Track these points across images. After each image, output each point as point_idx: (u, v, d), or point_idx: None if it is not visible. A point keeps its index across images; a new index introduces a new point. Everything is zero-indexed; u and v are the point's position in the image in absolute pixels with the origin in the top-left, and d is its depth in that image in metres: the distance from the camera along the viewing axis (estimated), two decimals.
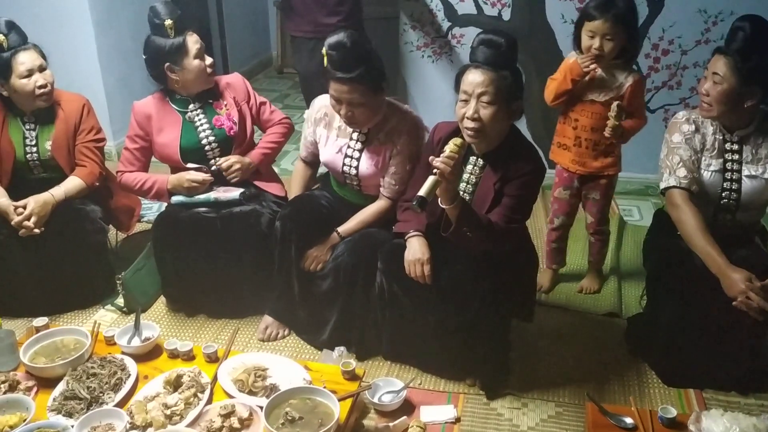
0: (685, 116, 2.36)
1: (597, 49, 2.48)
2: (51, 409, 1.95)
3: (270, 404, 1.89)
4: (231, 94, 2.71)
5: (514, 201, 2.20)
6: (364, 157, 2.47)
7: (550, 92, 2.67)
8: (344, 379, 2.11)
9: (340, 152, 2.50)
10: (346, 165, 2.50)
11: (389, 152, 2.44)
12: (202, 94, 2.66)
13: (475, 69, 2.11)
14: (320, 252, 2.46)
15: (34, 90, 2.59)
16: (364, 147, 2.47)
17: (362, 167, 2.47)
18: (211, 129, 2.65)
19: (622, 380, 2.40)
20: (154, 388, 2.03)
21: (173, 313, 2.79)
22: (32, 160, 2.73)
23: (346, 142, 2.49)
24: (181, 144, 2.63)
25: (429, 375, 2.42)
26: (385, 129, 2.44)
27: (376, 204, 2.51)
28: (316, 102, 2.60)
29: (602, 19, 2.44)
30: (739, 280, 2.10)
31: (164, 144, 2.64)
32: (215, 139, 2.66)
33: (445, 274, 2.25)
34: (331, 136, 2.54)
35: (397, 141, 2.42)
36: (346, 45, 2.24)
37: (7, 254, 2.62)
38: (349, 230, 2.49)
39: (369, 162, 2.46)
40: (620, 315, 2.75)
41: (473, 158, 2.27)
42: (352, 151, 2.49)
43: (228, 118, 2.66)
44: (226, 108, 2.68)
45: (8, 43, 2.55)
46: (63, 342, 2.22)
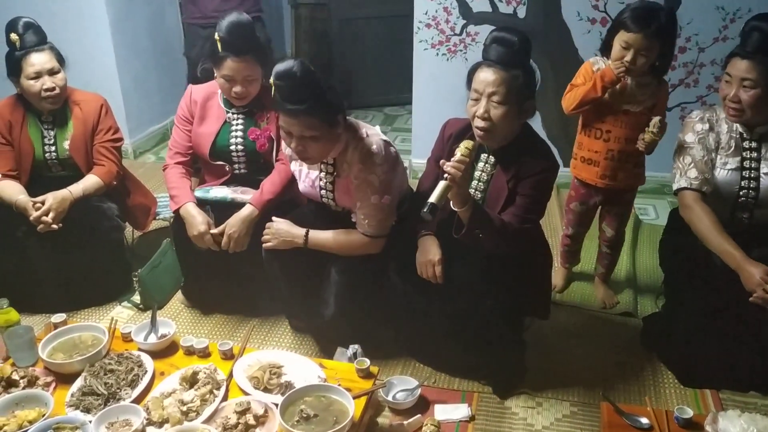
0: (699, 115, 2.34)
1: (629, 62, 2.33)
2: (69, 405, 1.97)
3: (285, 401, 1.90)
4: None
5: (527, 200, 2.18)
6: (337, 188, 2.35)
7: (573, 99, 2.48)
8: (359, 377, 2.12)
9: (313, 186, 2.42)
10: (324, 198, 2.41)
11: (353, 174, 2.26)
12: (249, 102, 2.62)
13: (487, 67, 2.10)
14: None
15: (40, 92, 2.61)
16: (335, 178, 2.34)
17: (338, 198, 2.37)
18: (243, 138, 2.63)
19: (637, 380, 2.39)
20: (170, 384, 2.05)
21: (189, 310, 2.81)
22: (50, 159, 2.76)
23: (317, 175, 2.39)
24: (214, 141, 2.64)
25: (443, 373, 2.42)
26: (347, 159, 2.27)
27: (355, 235, 2.31)
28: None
29: (641, 34, 2.29)
30: (756, 273, 2.09)
31: (200, 134, 2.65)
32: (243, 149, 2.64)
33: (457, 273, 2.25)
34: (303, 169, 2.43)
35: (352, 172, 2.25)
36: (295, 75, 2.04)
37: (26, 250, 2.66)
38: (318, 242, 2.33)
39: (343, 193, 2.34)
40: (635, 315, 2.73)
41: (484, 155, 2.26)
42: (325, 183, 2.38)
43: (263, 134, 2.63)
44: (266, 122, 2.64)
45: (21, 43, 2.57)
46: (81, 338, 2.24)
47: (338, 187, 2.34)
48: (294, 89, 2.06)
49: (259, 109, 2.65)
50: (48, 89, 2.61)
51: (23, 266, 2.68)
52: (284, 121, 2.14)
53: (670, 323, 2.41)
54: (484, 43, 2.15)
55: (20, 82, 2.63)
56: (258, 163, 2.68)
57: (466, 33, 3.71)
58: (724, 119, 2.29)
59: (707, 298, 2.22)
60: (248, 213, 2.51)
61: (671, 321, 2.39)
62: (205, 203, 2.62)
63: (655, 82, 2.46)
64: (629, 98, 2.47)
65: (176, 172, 2.66)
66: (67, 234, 2.62)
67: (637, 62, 2.34)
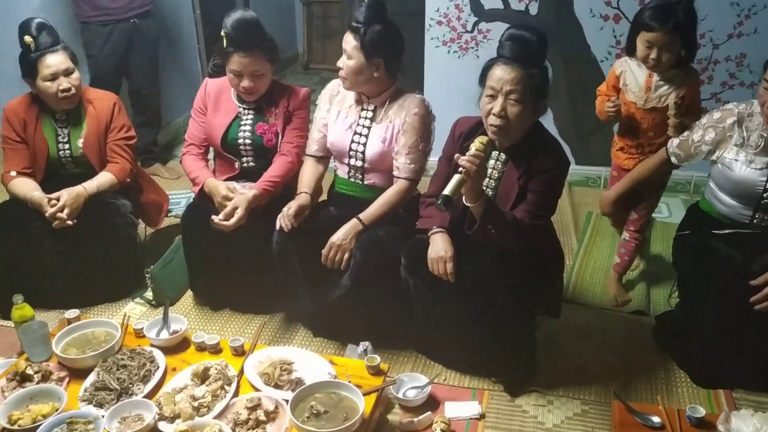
0: (732, 108, 2.29)
1: (654, 59, 2.39)
2: (82, 399, 1.99)
3: (295, 398, 1.91)
4: (286, 104, 2.68)
5: (538, 197, 2.18)
6: (372, 134, 2.48)
7: (598, 113, 2.69)
8: (369, 374, 2.12)
9: (350, 129, 2.52)
10: (354, 143, 2.50)
11: (397, 128, 2.45)
12: (261, 97, 2.66)
13: (504, 65, 2.09)
14: (343, 240, 2.39)
15: (57, 93, 2.63)
16: (372, 124, 2.49)
17: (370, 145, 2.47)
18: (251, 132, 2.67)
19: (649, 379, 2.37)
20: (182, 380, 2.06)
21: (199, 307, 2.83)
22: (64, 157, 2.78)
23: (355, 120, 2.52)
24: (225, 133, 2.68)
25: (453, 371, 2.42)
26: (393, 107, 2.47)
27: (395, 186, 2.48)
28: (329, 84, 2.64)
29: (661, 32, 2.33)
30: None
31: (212, 125, 2.70)
32: (251, 144, 2.68)
33: (469, 270, 2.24)
34: (341, 113, 2.55)
35: (406, 117, 2.43)
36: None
37: (40, 247, 2.68)
38: (371, 215, 2.44)
39: (377, 138, 2.46)
40: (648, 313, 2.72)
41: (495, 153, 2.25)
42: (361, 128, 2.50)
43: (271, 129, 2.66)
44: (274, 117, 2.67)
45: (36, 45, 2.59)
46: (94, 334, 2.26)
47: (373, 134, 2.48)
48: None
49: (268, 104, 2.68)
50: (64, 90, 2.63)
51: (37, 262, 2.71)
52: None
53: (683, 322, 2.39)
54: (499, 40, 2.14)
55: (36, 84, 2.65)
56: (266, 157, 2.71)
57: (478, 30, 3.69)
58: (758, 115, 2.24)
59: (722, 297, 2.19)
60: (251, 195, 2.55)
61: (685, 320, 2.37)
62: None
63: (682, 72, 2.49)
64: (656, 96, 2.50)
65: (192, 158, 2.74)
66: (81, 230, 2.64)
67: (663, 59, 2.39)
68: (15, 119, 2.73)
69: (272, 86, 2.69)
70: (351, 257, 2.39)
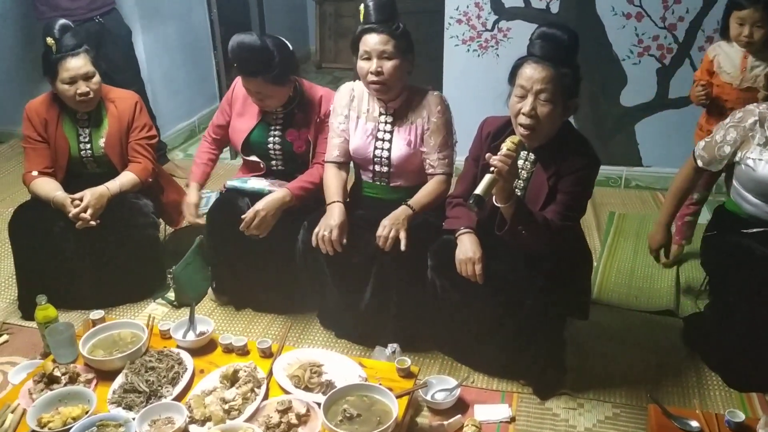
0: (753, 108, 2.27)
1: (746, 37, 2.54)
2: (111, 402, 1.96)
3: (327, 401, 1.88)
4: (317, 110, 2.64)
5: (569, 197, 2.15)
6: (395, 138, 2.45)
7: (692, 99, 2.83)
8: (399, 377, 2.09)
9: (371, 136, 2.48)
10: (378, 149, 2.47)
11: (420, 129, 2.43)
12: (290, 101, 2.62)
13: (535, 64, 2.06)
14: (394, 221, 2.31)
15: (75, 96, 2.61)
16: (393, 128, 2.46)
17: (394, 149, 2.44)
18: (281, 138, 2.64)
19: (680, 382, 2.34)
20: (210, 382, 2.04)
21: (221, 308, 2.81)
22: (86, 157, 2.76)
23: (374, 125, 2.48)
24: (250, 137, 2.66)
25: (481, 373, 2.39)
26: (412, 107, 2.44)
27: (435, 180, 2.46)
28: (342, 87, 2.58)
29: (752, 8, 2.50)
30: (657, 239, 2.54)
31: (235, 129, 2.69)
32: (281, 149, 2.66)
33: (497, 271, 2.22)
34: (360, 120, 2.51)
35: (430, 115, 2.42)
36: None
37: (63, 247, 2.66)
38: (420, 202, 2.40)
39: (401, 142, 2.43)
40: (677, 314, 2.69)
41: (524, 153, 2.23)
42: (383, 134, 2.46)
43: (301, 137, 2.64)
44: (305, 124, 2.64)
45: (57, 47, 2.56)
46: (120, 335, 2.23)
47: (396, 137, 2.45)
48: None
49: (300, 110, 2.64)
50: (82, 94, 2.61)
51: (59, 263, 2.69)
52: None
53: (715, 324, 2.35)
54: (530, 38, 2.11)
55: (55, 85, 2.63)
56: (296, 162, 2.69)
57: (498, 29, 3.66)
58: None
59: (754, 299, 2.16)
60: (282, 195, 2.52)
61: (716, 321, 2.34)
62: (243, 194, 2.62)
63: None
64: (752, 76, 2.63)
65: (203, 148, 2.85)
66: (103, 231, 2.63)
67: (755, 36, 2.55)
68: (36, 118, 2.71)
69: (302, 91, 2.64)
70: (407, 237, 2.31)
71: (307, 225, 2.48)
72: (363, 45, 2.34)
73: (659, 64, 3.57)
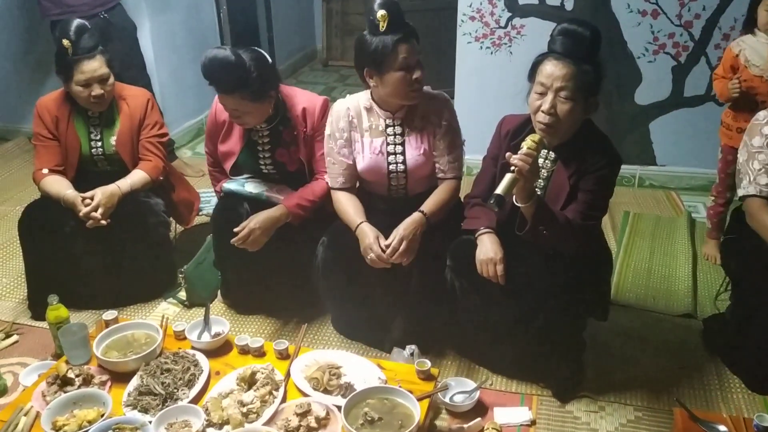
0: (765, 117, 2.24)
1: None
2: (126, 405, 1.93)
3: (348, 404, 1.85)
4: (303, 124, 2.50)
5: (590, 196, 2.12)
6: (407, 148, 2.36)
7: (719, 95, 2.84)
8: (419, 379, 2.06)
9: (381, 153, 2.38)
10: (392, 164, 2.38)
11: (432, 134, 2.36)
12: (273, 117, 2.48)
13: (556, 60, 2.02)
14: (408, 232, 2.25)
15: (89, 98, 2.57)
16: (404, 138, 2.37)
17: (410, 159, 2.36)
18: (271, 158, 2.55)
19: (702, 384, 2.30)
20: (227, 384, 2.00)
21: (233, 308, 2.76)
22: (97, 155, 2.72)
23: (382, 140, 2.37)
24: (238, 161, 2.57)
25: (500, 375, 2.35)
26: (419, 114, 2.36)
27: (445, 185, 2.40)
28: (335, 108, 2.41)
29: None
30: None
31: (223, 153, 2.59)
32: (274, 169, 2.58)
33: (518, 272, 2.18)
34: (365, 139, 2.38)
35: (440, 119, 2.35)
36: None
37: (74, 246, 2.63)
38: (432, 209, 2.32)
39: (415, 151, 2.36)
40: (695, 316, 2.65)
41: (544, 152, 2.19)
42: (394, 147, 2.37)
43: (293, 156, 2.52)
44: (294, 143, 2.51)
45: (74, 50, 2.50)
46: (134, 336, 2.20)
47: (409, 147, 2.37)
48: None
49: (285, 125, 2.51)
50: (97, 96, 2.57)
51: (70, 262, 2.66)
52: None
53: (737, 327, 2.31)
54: (551, 34, 2.07)
55: (69, 86, 2.58)
56: (294, 177, 2.60)
57: (512, 26, 3.61)
58: None
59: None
60: (278, 215, 2.43)
61: (738, 324, 2.30)
62: (240, 198, 2.56)
63: None
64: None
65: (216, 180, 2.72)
66: (114, 230, 2.59)
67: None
68: (47, 116, 2.68)
69: (284, 106, 2.50)
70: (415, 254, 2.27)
71: (326, 242, 2.41)
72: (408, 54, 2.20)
73: (675, 62, 3.53)
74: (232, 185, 2.60)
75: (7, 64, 4.54)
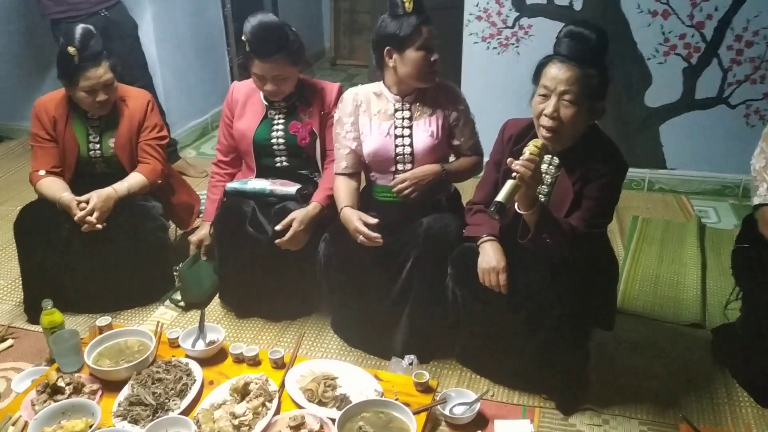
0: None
1: None
2: (116, 415, 1.89)
3: (342, 417, 1.81)
4: (320, 102, 2.60)
5: (595, 203, 2.05)
6: (416, 130, 2.37)
7: None
8: (417, 391, 2.01)
9: (388, 135, 2.39)
10: (399, 146, 2.38)
11: (441, 120, 2.38)
12: (290, 95, 2.58)
13: (560, 63, 1.96)
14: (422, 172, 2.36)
15: (93, 103, 2.55)
16: (412, 122, 2.39)
17: (417, 141, 2.37)
18: (284, 132, 2.59)
19: (710, 397, 2.23)
20: (220, 395, 1.96)
21: (231, 315, 2.72)
22: (95, 157, 2.68)
23: (390, 124, 2.39)
24: (255, 137, 2.60)
25: (501, 386, 2.29)
26: (428, 100, 2.38)
27: (469, 157, 2.47)
28: (345, 95, 2.48)
29: None
30: None
31: (240, 130, 2.63)
32: (284, 143, 2.60)
33: (522, 281, 2.12)
34: (373, 123, 2.42)
35: (451, 105, 2.39)
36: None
37: (70, 250, 2.58)
38: (452, 166, 2.43)
39: (423, 134, 2.37)
40: (704, 326, 2.57)
41: (548, 157, 2.12)
42: (401, 129, 2.38)
43: (305, 128, 2.58)
44: (308, 116, 2.59)
45: (80, 57, 2.45)
46: (127, 343, 2.17)
47: (417, 130, 2.38)
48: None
49: (302, 102, 2.60)
50: (101, 101, 2.54)
51: (66, 265, 2.61)
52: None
53: (747, 339, 2.24)
54: (557, 36, 2.01)
55: (72, 91, 2.54)
56: (300, 157, 2.63)
57: (519, 26, 3.55)
58: None
59: None
60: (316, 212, 2.49)
61: (749, 337, 2.22)
62: (244, 195, 2.56)
63: None
64: None
65: (215, 181, 2.75)
66: (110, 234, 2.55)
67: None
68: (45, 117, 2.64)
69: (303, 84, 2.60)
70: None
71: (328, 238, 2.40)
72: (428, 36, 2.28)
73: (686, 64, 3.45)
74: (235, 184, 2.61)
75: (8, 63, 4.53)
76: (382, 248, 2.33)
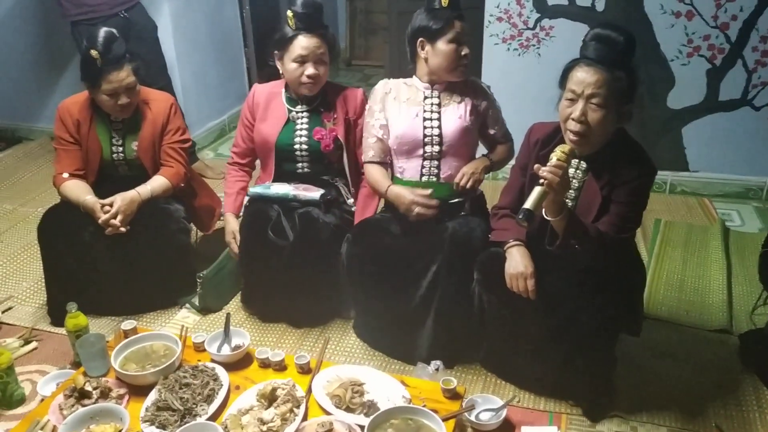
0: None
1: None
2: (144, 420, 1.88)
3: (371, 424, 1.79)
4: (344, 108, 2.62)
5: (624, 208, 2.03)
6: (444, 114, 2.42)
7: None
8: (444, 398, 1.99)
9: (417, 117, 2.43)
10: (427, 128, 2.41)
11: (470, 106, 2.44)
12: (313, 99, 2.60)
13: (587, 66, 1.94)
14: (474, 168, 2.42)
15: (114, 106, 2.55)
16: (441, 108, 2.43)
17: (445, 124, 2.41)
18: (308, 137, 2.59)
19: (739, 403, 2.20)
20: (247, 400, 1.95)
21: (253, 319, 2.71)
22: (118, 159, 2.68)
23: (419, 108, 2.44)
24: (277, 141, 2.60)
25: (527, 392, 2.27)
26: (457, 91, 2.44)
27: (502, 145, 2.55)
28: (378, 86, 2.54)
29: None
30: None
31: (262, 133, 2.63)
32: (308, 149, 2.60)
33: (549, 286, 2.10)
34: (402, 107, 2.46)
35: (480, 95, 2.46)
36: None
37: (93, 252, 2.59)
38: (493, 156, 2.53)
39: (452, 116, 2.41)
40: (731, 331, 2.54)
41: (575, 161, 2.10)
42: (430, 113, 2.42)
43: (329, 134, 2.59)
44: (333, 122, 2.59)
45: (103, 61, 2.45)
46: (152, 348, 2.16)
47: (445, 113, 2.43)
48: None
49: (324, 107, 2.60)
50: (123, 104, 2.54)
51: (89, 268, 2.61)
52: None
53: None
54: (583, 39, 1.99)
55: (95, 94, 2.54)
56: (322, 163, 2.63)
57: (540, 27, 3.52)
58: None
59: None
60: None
61: None
62: (267, 200, 2.57)
63: None
64: None
65: (231, 178, 2.77)
66: (133, 237, 2.55)
67: None
68: (69, 119, 2.64)
69: (326, 88, 2.60)
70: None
71: (351, 238, 2.41)
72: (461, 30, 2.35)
73: (709, 65, 3.42)
74: (258, 189, 2.61)
75: (27, 64, 4.54)
76: (406, 249, 2.32)
